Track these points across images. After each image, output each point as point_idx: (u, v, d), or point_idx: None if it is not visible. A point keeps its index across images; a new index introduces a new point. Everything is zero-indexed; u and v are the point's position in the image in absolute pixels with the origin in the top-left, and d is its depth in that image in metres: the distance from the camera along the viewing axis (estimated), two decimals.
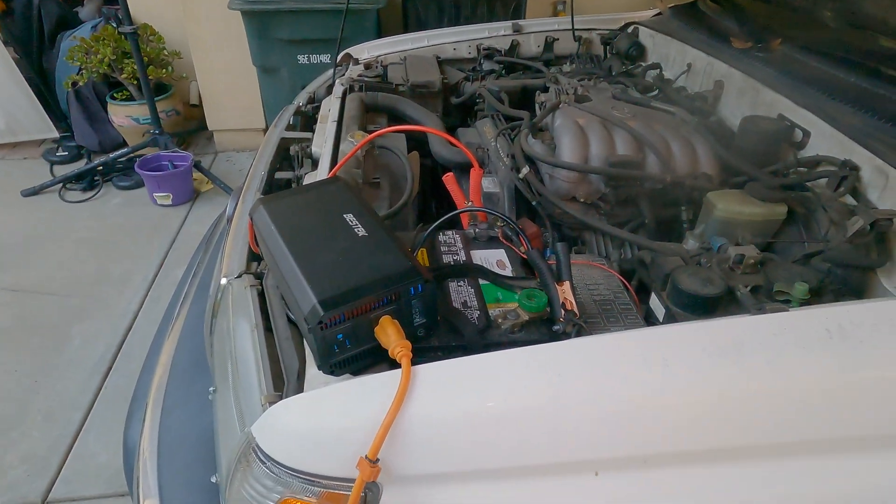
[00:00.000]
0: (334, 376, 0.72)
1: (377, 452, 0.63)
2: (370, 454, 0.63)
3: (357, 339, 0.72)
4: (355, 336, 0.71)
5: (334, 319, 0.69)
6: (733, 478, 0.69)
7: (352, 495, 0.63)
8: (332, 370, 0.72)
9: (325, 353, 0.71)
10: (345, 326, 0.70)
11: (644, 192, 1.22)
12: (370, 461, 0.63)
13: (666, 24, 1.90)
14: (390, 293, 0.71)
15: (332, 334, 0.69)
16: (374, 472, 0.64)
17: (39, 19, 3.79)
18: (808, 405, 0.68)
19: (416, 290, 0.73)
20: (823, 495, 0.70)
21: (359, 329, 0.71)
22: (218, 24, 3.41)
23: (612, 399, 0.68)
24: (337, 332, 0.70)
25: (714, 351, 0.69)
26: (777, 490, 0.69)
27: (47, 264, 2.81)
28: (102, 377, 2.18)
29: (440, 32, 2.11)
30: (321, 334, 0.69)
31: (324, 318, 0.68)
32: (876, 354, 0.69)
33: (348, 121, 1.46)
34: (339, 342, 0.71)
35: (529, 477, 0.69)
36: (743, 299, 0.89)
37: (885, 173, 0.98)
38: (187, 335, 1.32)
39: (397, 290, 0.72)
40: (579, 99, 1.41)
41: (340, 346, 0.71)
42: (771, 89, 1.31)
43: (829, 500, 0.70)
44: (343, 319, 0.69)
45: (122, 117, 3.67)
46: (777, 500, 0.69)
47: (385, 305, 0.71)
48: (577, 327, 0.82)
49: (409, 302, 0.73)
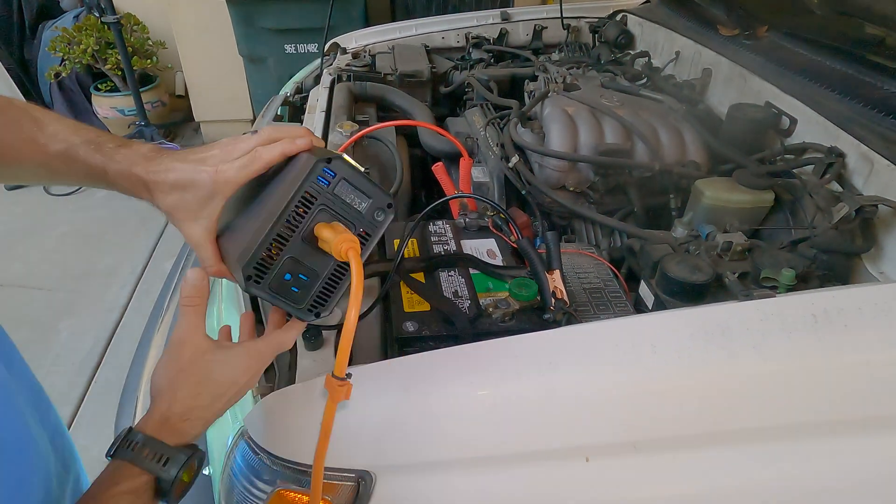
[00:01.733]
0: (320, 318, 0.65)
1: (343, 368, 0.59)
2: (336, 371, 0.58)
3: (311, 269, 0.62)
4: (306, 267, 0.61)
5: (260, 266, 0.59)
6: (722, 462, 0.70)
7: (324, 419, 0.59)
8: (315, 312, 0.64)
9: (293, 302, 0.62)
10: (281, 265, 0.60)
11: (633, 181, 1.23)
12: (337, 378, 0.58)
13: (654, 11, 1.90)
14: (298, 200, 0.59)
15: (278, 282, 0.60)
16: (346, 391, 0.60)
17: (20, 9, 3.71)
18: (795, 389, 0.70)
19: (327, 175, 0.59)
20: (811, 477, 0.71)
21: (304, 257, 0.61)
22: (203, 13, 3.36)
23: (602, 386, 0.69)
24: (280, 275, 0.60)
25: (702, 337, 0.70)
26: (765, 473, 0.70)
27: (32, 258, 2.78)
28: (92, 371, 2.17)
29: (428, 21, 2.09)
30: (260, 288, 0.60)
31: (246, 272, 0.59)
32: (860, 338, 0.70)
33: (337, 111, 1.45)
34: (295, 282, 0.61)
35: (521, 464, 0.69)
36: (731, 286, 0.90)
37: (870, 160, 1.00)
38: None
39: (303, 192, 0.59)
40: (568, 87, 1.41)
41: (301, 286, 0.62)
42: (758, 77, 1.31)
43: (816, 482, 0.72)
44: (271, 258, 0.59)
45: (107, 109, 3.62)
46: (765, 483, 0.71)
47: (305, 216, 0.60)
48: (567, 315, 0.82)
49: (331, 196, 0.60)
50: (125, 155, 0.61)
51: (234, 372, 0.60)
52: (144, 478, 0.53)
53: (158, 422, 0.56)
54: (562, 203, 1.18)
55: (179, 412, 0.57)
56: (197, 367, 0.59)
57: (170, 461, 0.54)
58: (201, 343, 0.60)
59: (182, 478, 0.54)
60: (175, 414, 0.56)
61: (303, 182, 0.58)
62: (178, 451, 0.55)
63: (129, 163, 0.60)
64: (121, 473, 0.53)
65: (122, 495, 0.52)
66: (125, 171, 0.60)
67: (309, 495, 0.68)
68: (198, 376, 0.58)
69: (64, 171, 0.62)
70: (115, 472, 0.53)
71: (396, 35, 2.03)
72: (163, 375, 0.59)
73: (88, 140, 0.62)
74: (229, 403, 0.61)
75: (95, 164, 0.60)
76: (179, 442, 0.56)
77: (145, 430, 0.55)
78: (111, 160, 0.60)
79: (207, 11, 3.32)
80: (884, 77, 1.13)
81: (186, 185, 0.59)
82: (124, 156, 0.61)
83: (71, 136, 0.61)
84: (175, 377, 0.58)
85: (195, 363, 0.59)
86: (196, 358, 0.59)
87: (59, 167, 0.61)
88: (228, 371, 0.60)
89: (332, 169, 0.59)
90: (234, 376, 0.60)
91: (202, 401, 0.58)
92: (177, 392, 0.57)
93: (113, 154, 0.61)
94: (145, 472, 0.53)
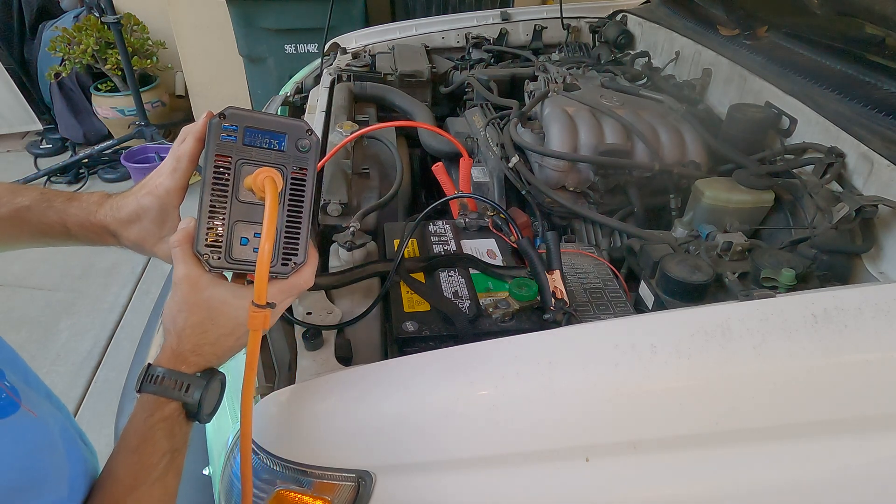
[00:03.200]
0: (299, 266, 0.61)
1: (263, 297, 0.56)
2: (256, 299, 0.56)
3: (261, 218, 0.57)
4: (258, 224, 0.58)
5: (212, 243, 0.58)
6: (721, 461, 0.70)
7: (248, 347, 0.58)
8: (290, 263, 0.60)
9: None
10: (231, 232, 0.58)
11: (633, 181, 1.23)
12: (257, 306, 0.56)
13: (654, 11, 1.90)
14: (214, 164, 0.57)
15: (238, 250, 0.59)
16: (263, 317, 0.56)
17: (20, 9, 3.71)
18: (794, 389, 0.69)
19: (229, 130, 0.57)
20: (811, 477, 0.71)
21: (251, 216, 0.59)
22: (203, 13, 3.36)
23: (602, 385, 0.69)
24: (236, 242, 0.59)
25: (702, 337, 0.70)
26: (765, 473, 0.70)
27: (32, 258, 2.78)
28: (92, 371, 2.17)
29: (428, 21, 2.09)
30: (221, 263, 0.59)
31: (201, 251, 0.58)
32: (859, 338, 0.70)
33: (337, 111, 1.45)
34: (255, 243, 0.59)
35: (521, 464, 0.69)
36: (731, 286, 0.90)
37: (870, 160, 1.00)
38: None
39: (214, 153, 0.57)
40: (568, 88, 1.41)
41: None
42: (758, 77, 1.31)
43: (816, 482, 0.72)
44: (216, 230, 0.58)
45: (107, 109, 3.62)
46: (765, 483, 0.71)
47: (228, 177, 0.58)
48: (567, 315, 0.82)
49: (242, 147, 0.58)
50: (78, 207, 0.63)
51: (237, 312, 0.60)
52: (172, 405, 0.58)
53: (171, 357, 0.59)
54: (562, 203, 1.18)
55: (189, 348, 0.59)
56: (197, 306, 0.59)
57: (191, 387, 0.58)
58: (198, 280, 0.59)
59: (207, 399, 0.59)
60: (185, 349, 0.59)
61: (208, 144, 0.57)
62: (197, 377, 0.59)
63: (85, 213, 0.62)
64: (151, 405, 0.57)
65: (157, 423, 0.57)
66: (84, 222, 0.62)
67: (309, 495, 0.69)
68: (199, 315, 0.59)
69: (15, 234, 0.63)
70: (145, 405, 0.57)
71: (396, 35, 2.03)
72: (168, 314, 0.61)
73: (36, 199, 0.63)
74: (239, 342, 0.62)
75: (51, 221, 0.62)
76: (196, 370, 0.59)
77: (162, 364, 0.59)
78: (67, 215, 0.62)
79: (207, 11, 3.32)
80: (884, 77, 1.13)
81: (139, 214, 0.62)
82: (78, 208, 0.63)
83: (14, 198, 0.62)
84: (177, 316, 0.59)
85: (195, 302, 0.59)
86: (194, 296, 0.59)
87: (9, 231, 0.62)
88: (230, 311, 0.60)
89: (230, 122, 0.57)
90: (236, 316, 0.60)
91: (209, 337, 0.60)
92: (182, 330, 0.59)
93: (66, 208, 0.63)
94: (171, 400, 0.58)
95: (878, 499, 0.73)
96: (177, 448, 0.58)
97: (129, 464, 0.55)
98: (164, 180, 0.63)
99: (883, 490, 0.73)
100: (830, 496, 0.72)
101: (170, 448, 0.57)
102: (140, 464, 0.55)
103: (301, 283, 0.63)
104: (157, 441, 0.56)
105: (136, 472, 0.55)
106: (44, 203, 0.63)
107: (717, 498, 0.71)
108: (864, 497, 0.73)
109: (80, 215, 0.63)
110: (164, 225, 0.64)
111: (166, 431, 0.57)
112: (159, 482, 0.56)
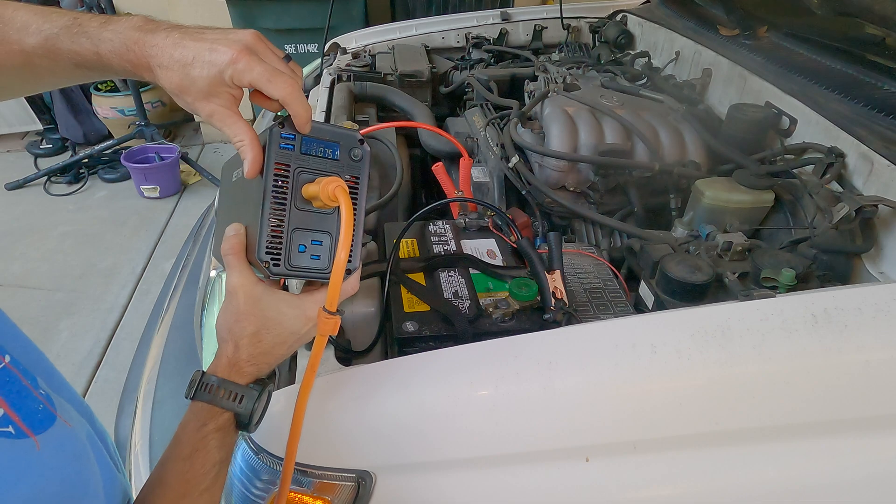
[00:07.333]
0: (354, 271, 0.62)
1: (335, 304, 0.57)
2: (327, 305, 0.57)
3: (320, 231, 0.60)
4: (315, 231, 0.60)
5: (272, 249, 0.58)
6: (722, 462, 0.70)
7: (313, 351, 0.59)
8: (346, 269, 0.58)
9: (319, 269, 0.61)
10: (290, 239, 0.59)
11: (633, 181, 1.23)
12: (328, 312, 0.57)
13: (654, 11, 1.90)
14: (274, 174, 0.58)
15: (296, 257, 0.59)
16: (334, 324, 0.58)
17: None
18: (795, 389, 0.69)
19: (287, 139, 0.59)
20: (811, 477, 0.71)
21: (308, 224, 0.60)
22: (203, 14, 3.37)
23: (602, 386, 0.69)
24: (294, 249, 0.59)
25: (702, 337, 0.70)
26: (765, 473, 0.70)
27: (32, 258, 2.78)
28: (92, 371, 2.17)
29: (428, 21, 2.09)
30: (281, 270, 0.59)
31: (262, 258, 0.58)
32: (859, 338, 0.70)
33: (337, 111, 1.45)
34: (312, 250, 0.60)
35: (521, 464, 0.69)
36: (731, 286, 0.90)
37: (870, 160, 1.00)
38: (177, 328, 1.31)
39: (273, 163, 0.58)
40: (568, 88, 1.41)
41: (319, 252, 0.61)
42: (758, 77, 1.31)
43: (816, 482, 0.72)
44: (277, 238, 0.58)
45: (107, 109, 3.62)
46: (765, 483, 0.71)
47: (287, 186, 0.59)
48: (567, 315, 0.82)
49: (300, 156, 0.59)
50: (114, 31, 0.54)
51: (291, 322, 0.61)
52: (226, 416, 0.58)
53: (227, 366, 0.59)
54: (562, 203, 1.18)
55: (245, 358, 0.60)
56: (253, 316, 0.60)
57: (244, 398, 0.59)
58: (253, 289, 0.60)
59: (257, 410, 0.59)
60: (241, 359, 0.60)
61: (268, 153, 0.58)
62: (250, 388, 0.59)
63: (121, 39, 0.54)
64: (204, 414, 0.58)
65: (211, 433, 0.57)
66: (119, 50, 0.54)
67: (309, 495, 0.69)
68: (255, 325, 0.60)
69: (48, 67, 0.57)
70: (198, 414, 0.58)
71: (396, 35, 2.03)
72: (223, 324, 0.61)
73: (67, 25, 0.56)
74: (292, 348, 0.64)
75: (83, 49, 0.55)
76: (249, 380, 0.60)
77: (217, 373, 0.59)
78: (101, 41, 0.54)
79: (207, 11, 3.32)
80: (884, 77, 1.13)
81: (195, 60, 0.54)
82: (114, 32, 0.54)
83: (44, 24, 0.55)
84: (233, 326, 0.60)
85: (251, 312, 0.60)
86: (250, 306, 0.60)
87: (42, 64, 0.56)
88: (285, 320, 0.61)
89: (288, 131, 0.59)
90: (290, 326, 0.61)
91: (264, 347, 0.60)
92: (239, 340, 0.60)
93: (100, 33, 0.55)
94: (225, 410, 0.58)
95: (878, 499, 0.73)
96: (225, 459, 0.59)
97: (180, 472, 0.55)
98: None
99: (883, 490, 0.73)
100: (830, 496, 0.73)
101: (220, 459, 0.57)
102: (192, 472, 0.56)
103: (349, 289, 0.64)
104: (210, 451, 0.57)
105: (188, 480, 0.55)
106: (75, 28, 0.55)
107: (717, 498, 0.71)
108: (864, 497, 0.73)
109: (116, 41, 0.54)
110: (220, 85, 0.55)
111: (218, 442, 0.57)
112: (207, 492, 0.56)
